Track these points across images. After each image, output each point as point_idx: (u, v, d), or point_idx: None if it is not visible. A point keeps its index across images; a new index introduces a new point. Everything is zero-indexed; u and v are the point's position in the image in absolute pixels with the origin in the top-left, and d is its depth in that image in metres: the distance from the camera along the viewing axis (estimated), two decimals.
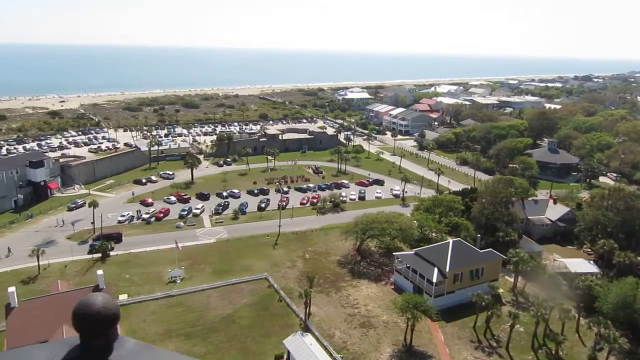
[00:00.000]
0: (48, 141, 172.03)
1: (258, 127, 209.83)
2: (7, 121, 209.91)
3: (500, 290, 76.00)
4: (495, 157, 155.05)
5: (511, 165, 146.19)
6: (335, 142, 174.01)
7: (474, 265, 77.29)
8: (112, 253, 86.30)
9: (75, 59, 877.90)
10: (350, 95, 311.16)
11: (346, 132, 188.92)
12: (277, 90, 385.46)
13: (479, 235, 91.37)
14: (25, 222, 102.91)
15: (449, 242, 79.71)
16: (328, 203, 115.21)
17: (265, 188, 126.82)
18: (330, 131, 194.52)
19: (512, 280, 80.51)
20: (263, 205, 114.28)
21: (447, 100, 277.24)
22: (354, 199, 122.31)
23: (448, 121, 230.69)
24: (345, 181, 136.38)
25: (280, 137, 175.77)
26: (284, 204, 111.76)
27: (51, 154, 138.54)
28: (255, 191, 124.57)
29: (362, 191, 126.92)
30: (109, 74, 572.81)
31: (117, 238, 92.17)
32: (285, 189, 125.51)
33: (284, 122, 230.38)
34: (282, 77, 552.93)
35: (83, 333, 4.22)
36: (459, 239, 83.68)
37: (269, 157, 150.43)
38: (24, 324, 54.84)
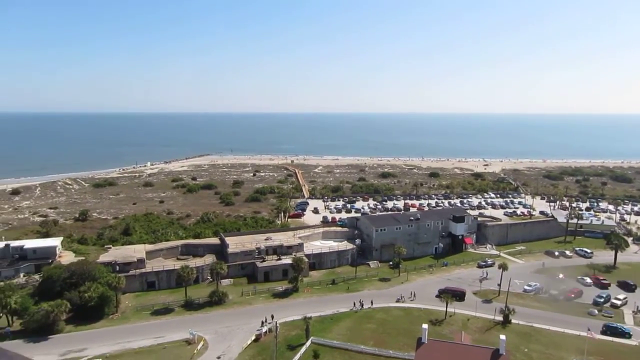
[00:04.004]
0: (469, 199, 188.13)
1: None
2: (439, 178, 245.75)
3: None
4: None
5: None
6: None
7: None
8: (513, 321, 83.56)
9: (504, 127, 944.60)
10: None
11: None
12: None
13: None
14: (440, 269, 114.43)
15: None
16: None
17: None
18: None
19: None
20: None
21: None
22: None
23: None
24: None
25: None
26: None
27: (470, 212, 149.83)
28: None
29: None
30: (532, 142, 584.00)
31: (459, 296, 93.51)
32: None
33: None
34: None
35: None
36: None
37: None
38: None
